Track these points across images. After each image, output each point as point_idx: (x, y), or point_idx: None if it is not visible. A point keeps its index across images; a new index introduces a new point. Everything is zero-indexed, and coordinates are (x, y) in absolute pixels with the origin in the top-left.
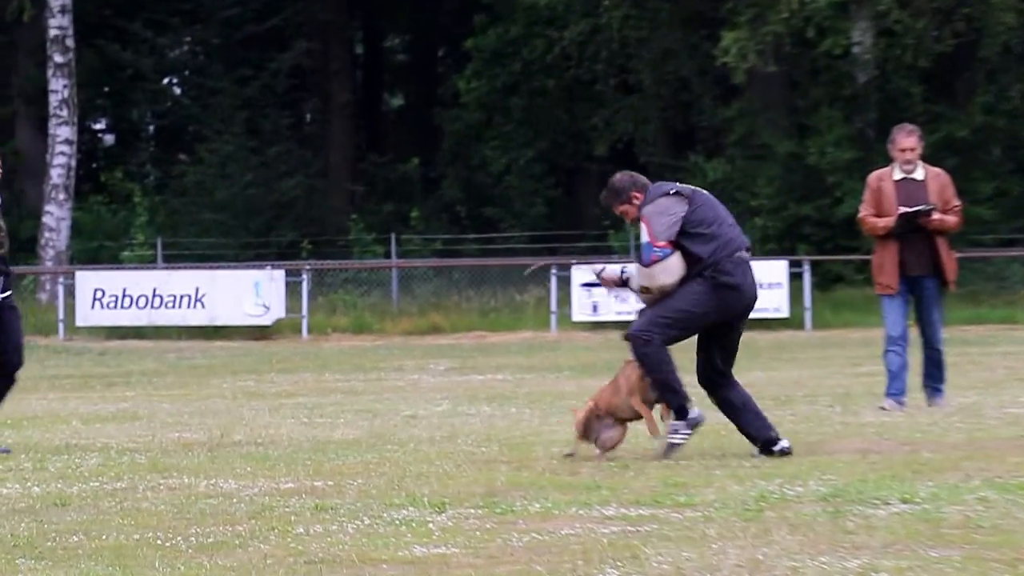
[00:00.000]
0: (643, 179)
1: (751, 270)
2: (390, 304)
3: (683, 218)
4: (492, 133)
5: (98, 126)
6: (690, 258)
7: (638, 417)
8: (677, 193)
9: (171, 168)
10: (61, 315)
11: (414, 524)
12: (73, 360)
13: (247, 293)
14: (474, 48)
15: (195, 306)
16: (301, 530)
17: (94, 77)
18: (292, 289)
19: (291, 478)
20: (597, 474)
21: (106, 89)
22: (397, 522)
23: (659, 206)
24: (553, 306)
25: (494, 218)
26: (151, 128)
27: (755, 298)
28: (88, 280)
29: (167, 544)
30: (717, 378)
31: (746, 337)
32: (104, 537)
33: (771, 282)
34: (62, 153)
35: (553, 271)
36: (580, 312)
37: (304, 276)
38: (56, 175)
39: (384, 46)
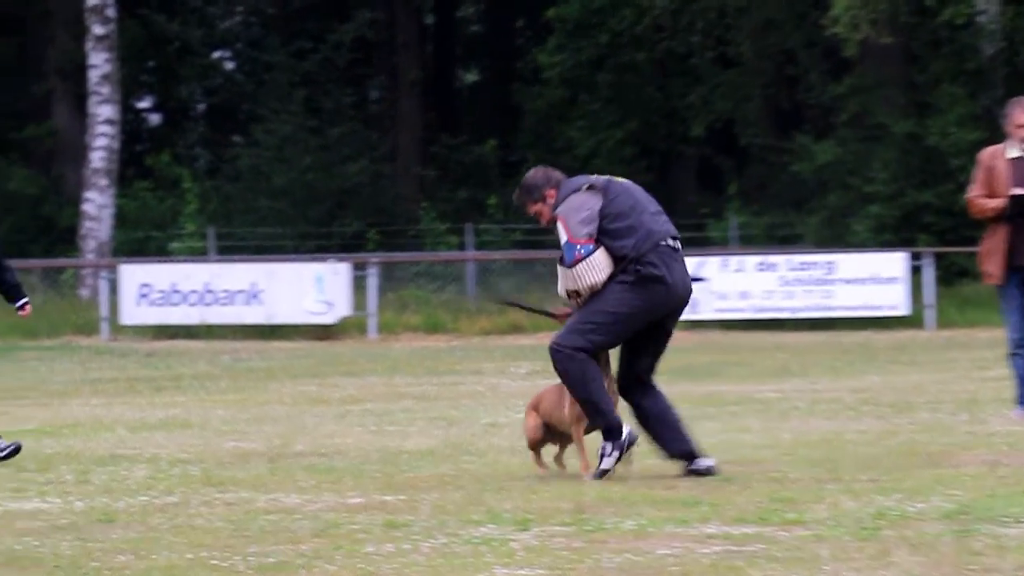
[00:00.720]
0: (558, 175)
1: (680, 261)
2: (466, 301)
3: (600, 211)
4: (577, 112)
5: (143, 105)
6: (612, 255)
7: (570, 441)
8: (591, 187)
9: (223, 151)
10: (104, 312)
11: (495, 543)
12: (118, 362)
13: (308, 288)
14: (556, 18)
15: (251, 303)
16: (370, 549)
17: (138, 51)
18: (358, 284)
19: (359, 492)
20: (696, 488)
21: (151, 64)
22: (476, 541)
23: (572, 203)
24: None
25: None
26: (201, 107)
27: (688, 292)
28: (133, 274)
29: (224, 564)
30: (635, 384)
31: (861, 337)
32: (154, 557)
33: (888, 276)
34: (103, 134)
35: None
36: None
37: (371, 270)
38: (97, 159)
39: (457, 16)
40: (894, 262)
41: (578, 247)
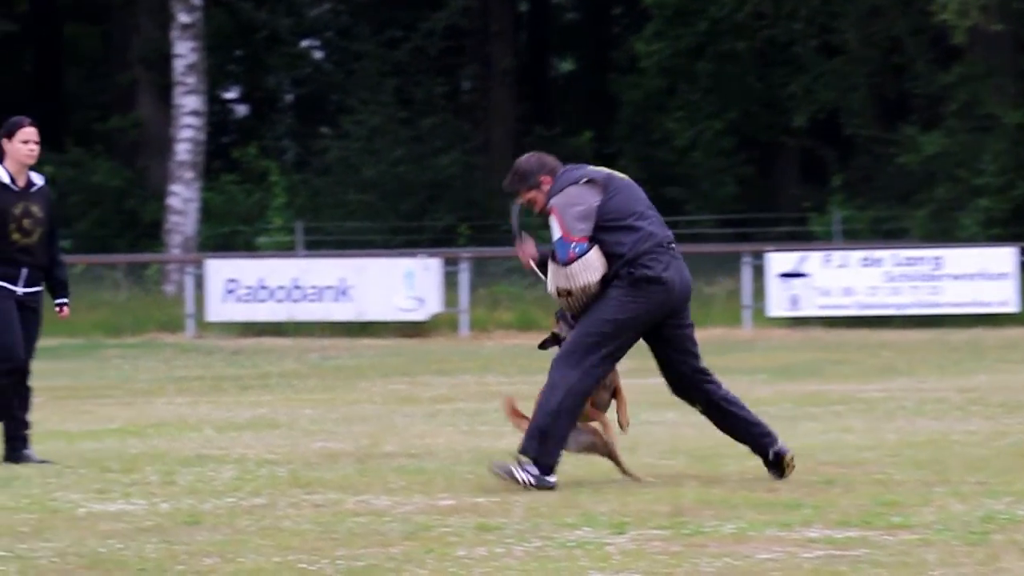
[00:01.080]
0: (553, 162)
1: (677, 261)
2: None
3: (597, 208)
4: (675, 102)
5: (229, 95)
6: (608, 254)
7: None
8: (589, 181)
9: (312, 143)
10: (189, 309)
11: (590, 547)
12: (203, 360)
13: (398, 284)
14: (654, 5)
15: (340, 299)
16: (462, 553)
17: (224, 40)
18: (449, 280)
19: (450, 494)
20: (798, 491)
21: (238, 53)
22: (571, 544)
23: (568, 196)
24: (746, 299)
25: (678, 199)
26: (289, 97)
27: (687, 292)
28: (219, 269)
29: (312, 568)
30: (695, 376)
31: (970, 335)
32: (241, 560)
33: (998, 272)
34: (189, 126)
35: (746, 259)
36: (777, 307)
37: (463, 265)
38: (183, 151)
39: (552, 3)
40: (1004, 257)
41: (572, 245)
